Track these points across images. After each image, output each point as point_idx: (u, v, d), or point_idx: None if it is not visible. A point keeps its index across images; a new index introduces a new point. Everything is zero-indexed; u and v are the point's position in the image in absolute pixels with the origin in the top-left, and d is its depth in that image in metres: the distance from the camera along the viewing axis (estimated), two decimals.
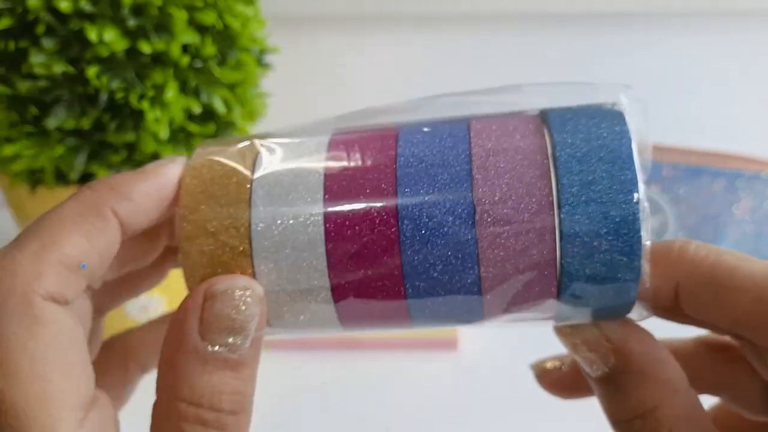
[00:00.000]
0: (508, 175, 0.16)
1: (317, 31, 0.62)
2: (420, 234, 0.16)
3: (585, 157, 0.16)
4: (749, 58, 0.63)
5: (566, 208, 0.15)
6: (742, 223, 0.48)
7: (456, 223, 0.16)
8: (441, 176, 0.16)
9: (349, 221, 0.16)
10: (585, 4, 0.59)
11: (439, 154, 0.17)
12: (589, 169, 0.16)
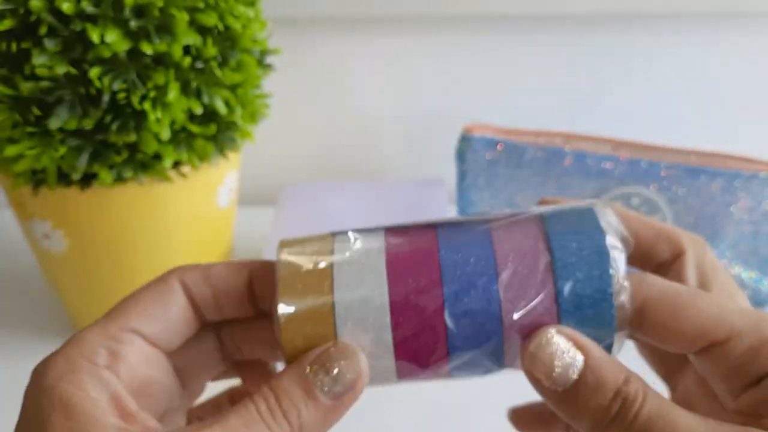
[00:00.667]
0: (522, 277, 0.21)
1: (318, 33, 0.62)
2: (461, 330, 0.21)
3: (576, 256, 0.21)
4: (747, 59, 0.63)
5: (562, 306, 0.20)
6: (740, 223, 0.48)
7: (488, 317, 0.21)
8: (476, 281, 0.21)
9: (407, 314, 0.21)
10: (585, 5, 0.60)
11: (473, 263, 0.21)
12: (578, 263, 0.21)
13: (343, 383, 0.20)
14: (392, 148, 0.68)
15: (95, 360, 0.20)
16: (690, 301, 0.20)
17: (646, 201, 0.49)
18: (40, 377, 0.20)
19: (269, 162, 0.67)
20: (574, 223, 0.22)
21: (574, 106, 0.66)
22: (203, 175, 0.41)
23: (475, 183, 0.52)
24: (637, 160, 0.48)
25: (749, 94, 0.65)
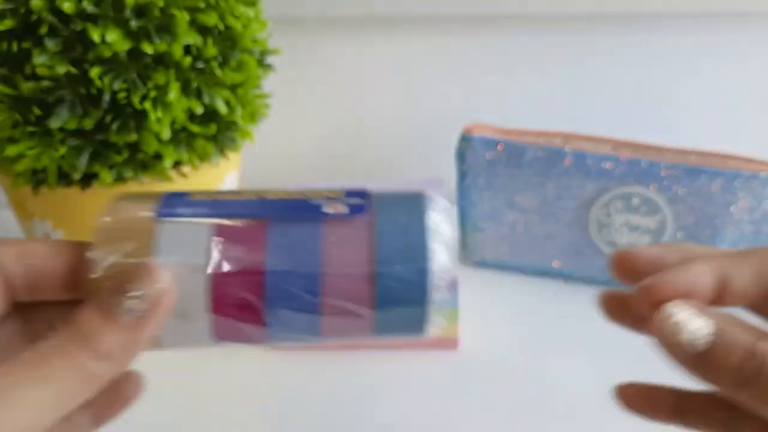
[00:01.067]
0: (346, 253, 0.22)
1: (318, 33, 0.62)
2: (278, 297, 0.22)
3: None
4: (747, 59, 0.63)
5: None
6: (740, 222, 0.48)
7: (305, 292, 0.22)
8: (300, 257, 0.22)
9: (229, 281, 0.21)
10: (585, 5, 0.60)
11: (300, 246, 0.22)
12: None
13: (144, 301, 0.20)
14: (392, 148, 0.68)
15: None
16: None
17: (646, 201, 0.49)
18: None
19: (269, 162, 0.67)
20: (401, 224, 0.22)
21: (573, 106, 0.66)
22: (203, 174, 0.41)
23: (475, 183, 0.52)
24: (637, 160, 0.48)
25: (749, 94, 0.65)
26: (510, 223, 0.53)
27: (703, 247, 0.24)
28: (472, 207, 0.53)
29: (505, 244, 0.54)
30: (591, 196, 0.50)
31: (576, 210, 0.51)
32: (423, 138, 0.67)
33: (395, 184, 0.56)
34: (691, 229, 0.49)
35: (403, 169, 0.69)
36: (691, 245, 0.24)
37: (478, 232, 0.54)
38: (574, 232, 0.51)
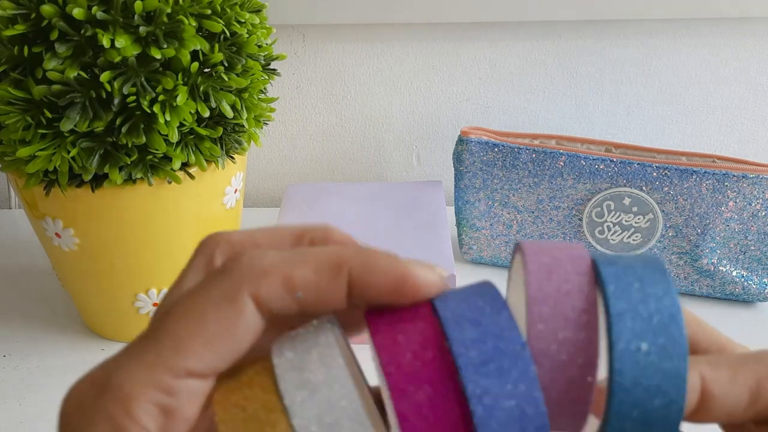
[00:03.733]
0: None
1: (322, 39, 0.63)
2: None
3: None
4: (737, 62, 0.64)
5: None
6: (730, 222, 0.49)
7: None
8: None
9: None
10: (579, 12, 0.61)
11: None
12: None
13: None
14: (392, 150, 0.69)
15: (146, 423, 0.16)
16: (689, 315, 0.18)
17: (638, 201, 0.50)
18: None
19: (274, 164, 0.68)
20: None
21: (568, 109, 0.67)
22: (210, 176, 0.42)
23: (471, 183, 0.53)
24: (629, 161, 0.49)
25: (739, 97, 0.66)
26: (505, 222, 0.54)
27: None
28: (469, 206, 0.54)
29: (500, 242, 0.55)
30: (584, 197, 0.51)
31: (569, 210, 0.52)
32: (422, 140, 0.68)
33: (395, 185, 0.57)
34: (681, 229, 0.50)
35: (403, 169, 0.70)
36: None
37: (474, 230, 0.55)
38: (568, 231, 0.52)
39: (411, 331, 0.17)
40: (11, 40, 0.35)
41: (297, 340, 0.18)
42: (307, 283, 0.17)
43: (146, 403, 0.16)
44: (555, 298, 0.17)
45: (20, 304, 0.51)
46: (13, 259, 0.57)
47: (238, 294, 0.17)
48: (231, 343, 0.17)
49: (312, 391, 0.17)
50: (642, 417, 0.16)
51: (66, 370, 0.44)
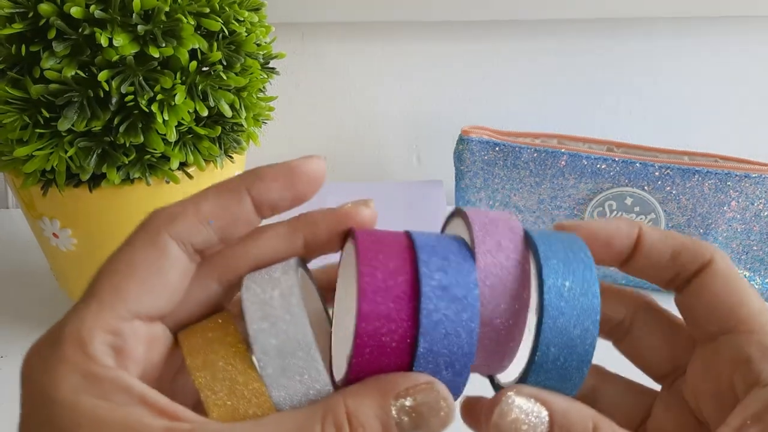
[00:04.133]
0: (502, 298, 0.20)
1: (320, 38, 0.63)
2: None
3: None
4: (740, 61, 0.64)
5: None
6: (732, 222, 0.49)
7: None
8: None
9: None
10: (581, 10, 0.61)
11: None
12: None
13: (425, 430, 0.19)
14: (392, 149, 0.69)
15: (104, 361, 0.18)
16: (744, 284, 0.21)
17: (640, 201, 0.50)
18: (46, 387, 0.17)
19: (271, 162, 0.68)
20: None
21: (569, 108, 0.66)
22: (209, 176, 0.42)
23: (473, 183, 0.53)
24: (631, 160, 0.49)
25: (742, 97, 0.66)
26: None
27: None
28: (470, 206, 0.54)
29: None
30: (586, 196, 0.51)
31: (571, 209, 0.52)
32: (422, 139, 0.68)
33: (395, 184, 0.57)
34: (683, 229, 0.50)
35: (403, 169, 0.70)
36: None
37: None
38: None
39: (390, 251, 0.20)
40: (9, 39, 0.35)
41: (263, 278, 0.20)
42: (214, 210, 0.20)
43: (99, 344, 0.18)
44: (495, 251, 0.21)
45: (17, 305, 0.51)
46: (10, 260, 0.57)
47: (159, 236, 0.20)
48: (163, 281, 0.19)
49: (272, 324, 0.19)
50: (564, 343, 0.20)
51: None
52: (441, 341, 0.19)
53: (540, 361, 0.20)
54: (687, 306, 0.22)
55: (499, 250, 0.21)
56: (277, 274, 0.20)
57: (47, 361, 0.18)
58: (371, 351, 0.19)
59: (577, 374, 0.20)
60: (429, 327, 0.19)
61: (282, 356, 0.19)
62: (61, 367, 0.18)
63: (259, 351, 0.19)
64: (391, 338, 0.19)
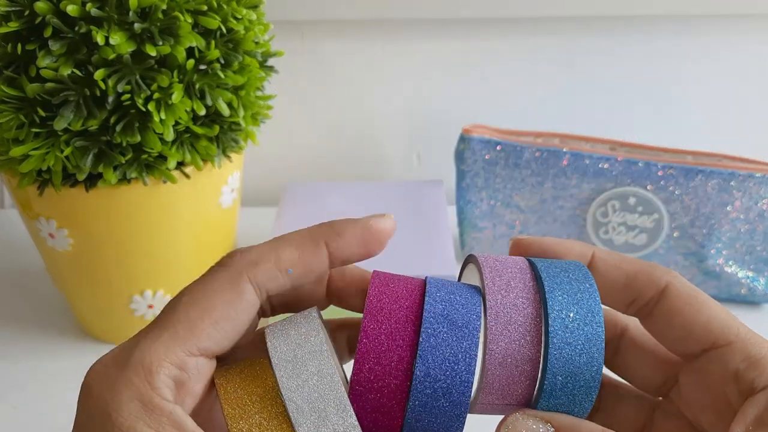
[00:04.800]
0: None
1: (320, 36, 0.63)
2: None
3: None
4: (744, 60, 0.64)
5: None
6: (736, 222, 0.48)
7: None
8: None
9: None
10: (583, 8, 0.60)
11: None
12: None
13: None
14: (392, 148, 0.69)
15: (164, 394, 0.19)
16: (706, 299, 0.22)
17: (643, 201, 0.49)
18: (107, 406, 0.18)
19: (272, 163, 0.68)
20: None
21: (571, 107, 0.66)
22: (207, 175, 0.42)
23: (473, 183, 0.53)
24: (634, 160, 0.49)
25: (745, 95, 0.65)
26: (508, 222, 0.53)
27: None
28: (471, 206, 0.54)
29: (503, 243, 0.54)
30: (588, 196, 0.50)
31: (573, 209, 0.51)
32: (423, 138, 0.68)
33: (395, 184, 0.57)
34: (687, 229, 0.49)
35: (403, 169, 0.70)
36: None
37: (476, 231, 0.54)
38: (572, 232, 0.52)
39: (399, 293, 0.21)
40: (5, 38, 0.35)
41: (290, 334, 0.21)
42: (294, 260, 0.21)
43: (164, 376, 0.19)
44: (505, 291, 0.21)
45: (13, 306, 0.51)
46: (7, 260, 0.57)
47: (239, 279, 0.21)
48: (234, 323, 0.20)
49: (304, 381, 0.20)
50: (571, 372, 0.20)
51: (60, 372, 0.44)
52: (439, 366, 0.20)
53: (549, 390, 0.20)
54: (659, 331, 0.23)
55: (509, 290, 0.21)
56: (304, 330, 0.21)
57: (112, 381, 0.19)
58: (370, 369, 0.20)
59: (586, 399, 0.20)
60: (427, 350, 0.20)
61: (316, 413, 0.19)
62: (125, 391, 0.18)
63: (293, 410, 0.19)
64: (390, 359, 0.20)
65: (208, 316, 0.20)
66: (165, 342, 0.19)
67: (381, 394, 0.20)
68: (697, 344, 0.21)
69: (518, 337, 0.21)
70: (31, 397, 0.42)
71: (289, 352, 0.20)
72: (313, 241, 0.22)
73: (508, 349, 0.20)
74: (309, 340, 0.21)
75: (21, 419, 0.40)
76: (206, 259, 0.45)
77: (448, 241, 0.48)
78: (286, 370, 0.20)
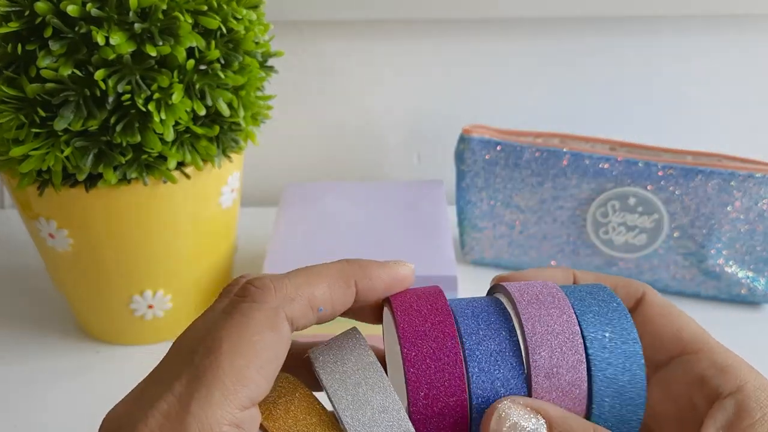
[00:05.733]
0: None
1: (320, 36, 0.63)
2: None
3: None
4: (743, 60, 0.64)
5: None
6: (736, 222, 0.48)
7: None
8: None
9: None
10: (582, 8, 0.60)
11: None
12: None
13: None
14: (392, 148, 0.69)
15: None
16: (679, 312, 0.23)
17: (643, 201, 0.49)
18: None
19: (272, 163, 0.68)
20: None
21: (571, 107, 0.66)
22: (207, 175, 0.42)
23: (473, 183, 0.53)
24: (634, 160, 0.49)
25: (745, 95, 0.65)
26: (508, 222, 0.53)
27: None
28: (471, 206, 0.54)
29: (503, 243, 0.54)
30: (588, 196, 0.50)
31: (573, 210, 0.51)
32: (423, 138, 0.68)
33: (395, 184, 0.57)
34: (687, 229, 0.49)
35: (403, 169, 0.70)
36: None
37: (476, 231, 0.54)
38: (572, 232, 0.52)
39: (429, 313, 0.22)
40: (5, 38, 0.35)
41: (344, 363, 0.21)
42: (326, 299, 0.21)
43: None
44: (543, 316, 0.21)
45: (13, 306, 0.51)
46: (6, 260, 0.57)
47: (277, 318, 0.20)
48: (277, 364, 0.20)
49: (371, 420, 0.20)
50: (616, 393, 0.20)
51: (60, 373, 0.44)
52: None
53: (597, 413, 0.20)
54: None
55: (546, 313, 0.22)
56: (355, 359, 0.21)
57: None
58: (426, 396, 0.20)
59: (634, 418, 0.21)
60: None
61: None
62: None
63: None
64: (442, 379, 0.20)
65: (253, 363, 0.19)
66: (218, 403, 0.18)
67: (443, 415, 0.20)
68: (666, 352, 0.22)
69: (565, 365, 0.21)
70: (30, 398, 0.42)
71: (349, 387, 0.20)
72: (344, 280, 0.22)
73: (552, 363, 0.21)
74: (367, 374, 0.21)
75: (20, 421, 0.40)
76: (206, 259, 0.45)
77: (448, 241, 0.48)
78: (349, 409, 0.20)
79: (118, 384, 0.43)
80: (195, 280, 0.45)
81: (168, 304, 0.44)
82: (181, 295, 0.45)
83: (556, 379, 0.20)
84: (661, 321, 0.23)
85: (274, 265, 0.45)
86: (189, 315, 0.46)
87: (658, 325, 0.23)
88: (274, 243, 0.48)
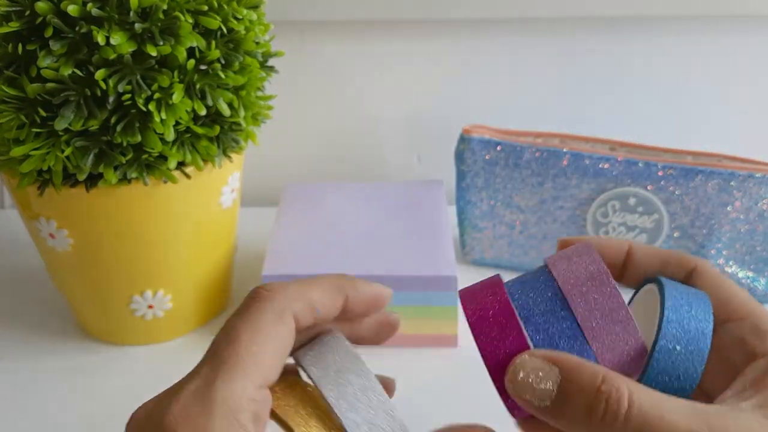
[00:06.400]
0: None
1: (321, 36, 0.63)
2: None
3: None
4: (743, 60, 0.64)
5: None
6: (736, 222, 0.48)
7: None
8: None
9: None
10: (582, 8, 0.60)
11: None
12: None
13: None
14: (392, 148, 0.69)
15: (250, 429, 0.21)
16: (731, 282, 0.25)
17: (643, 201, 0.49)
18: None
19: (272, 163, 0.68)
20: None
21: (571, 107, 0.66)
22: (207, 175, 0.42)
23: (473, 183, 0.53)
24: (634, 160, 0.49)
25: (745, 96, 0.65)
26: (508, 222, 0.53)
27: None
28: (471, 207, 0.54)
29: (503, 243, 0.54)
30: (588, 196, 0.50)
31: (573, 210, 0.51)
32: (423, 138, 0.68)
33: (395, 184, 0.57)
34: (687, 229, 0.49)
35: (403, 169, 0.69)
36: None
37: (476, 231, 0.54)
38: (572, 232, 0.52)
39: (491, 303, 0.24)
40: (5, 38, 0.35)
41: (326, 358, 0.24)
42: (322, 301, 0.25)
43: (248, 412, 0.21)
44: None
45: (13, 306, 0.51)
46: (6, 260, 0.57)
47: (285, 312, 0.23)
48: (286, 352, 0.23)
49: (372, 424, 0.23)
50: (668, 381, 0.23)
51: (60, 373, 0.44)
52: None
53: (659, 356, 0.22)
54: None
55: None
56: (335, 349, 0.25)
57: (197, 423, 0.20)
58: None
59: (695, 370, 0.22)
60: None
61: (367, 425, 0.23)
62: (216, 425, 0.20)
63: (353, 428, 0.22)
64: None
65: (266, 350, 0.22)
66: (241, 380, 0.21)
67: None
68: (716, 318, 0.24)
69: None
70: (31, 398, 0.42)
71: (333, 376, 0.24)
72: (337, 289, 0.25)
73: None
74: (348, 362, 0.24)
75: (21, 421, 0.40)
76: (206, 259, 0.45)
77: (448, 241, 0.48)
78: (336, 395, 0.23)
79: (118, 384, 0.43)
80: (195, 280, 0.45)
81: (168, 304, 0.44)
82: (181, 295, 0.45)
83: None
84: (711, 290, 0.24)
85: (274, 265, 0.45)
86: (189, 315, 0.46)
87: (709, 293, 0.24)
88: (274, 243, 0.48)
